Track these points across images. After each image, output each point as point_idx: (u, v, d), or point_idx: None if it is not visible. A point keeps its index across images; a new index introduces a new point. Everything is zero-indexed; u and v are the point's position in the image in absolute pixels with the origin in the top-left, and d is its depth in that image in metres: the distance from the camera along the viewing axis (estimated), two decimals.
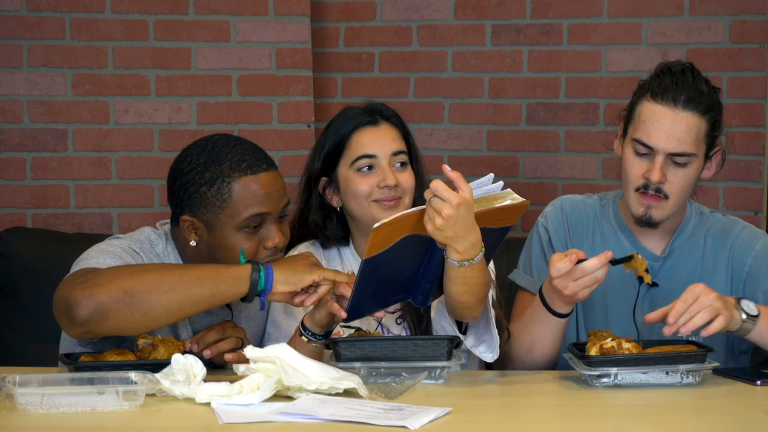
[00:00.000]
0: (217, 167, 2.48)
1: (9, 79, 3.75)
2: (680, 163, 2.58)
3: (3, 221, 3.70)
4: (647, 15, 3.90)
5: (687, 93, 2.57)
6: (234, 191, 2.46)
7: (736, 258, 2.71)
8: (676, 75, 2.61)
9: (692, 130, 2.57)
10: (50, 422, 2.03)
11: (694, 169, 2.61)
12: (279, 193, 2.51)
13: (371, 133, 2.71)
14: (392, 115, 2.76)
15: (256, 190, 2.47)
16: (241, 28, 3.87)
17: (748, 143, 3.83)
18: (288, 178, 3.92)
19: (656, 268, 2.70)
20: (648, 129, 2.58)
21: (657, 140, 2.57)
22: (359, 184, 2.68)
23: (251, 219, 2.46)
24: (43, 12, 3.76)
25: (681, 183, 2.60)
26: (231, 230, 2.47)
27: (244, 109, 3.89)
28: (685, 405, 2.24)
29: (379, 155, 2.69)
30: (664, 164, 2.58)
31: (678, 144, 2.57)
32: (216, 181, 2.47)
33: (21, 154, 3.77)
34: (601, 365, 2.34)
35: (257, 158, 2.51)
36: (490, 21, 4.00)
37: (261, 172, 2.49)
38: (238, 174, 2.47)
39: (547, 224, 2.80)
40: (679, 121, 2.56)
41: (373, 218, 2.64)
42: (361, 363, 2.34)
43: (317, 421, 2.04)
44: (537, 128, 4.00)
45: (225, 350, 2.42)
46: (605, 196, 2.82)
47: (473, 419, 2.10)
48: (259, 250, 2.49)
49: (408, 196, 2.70)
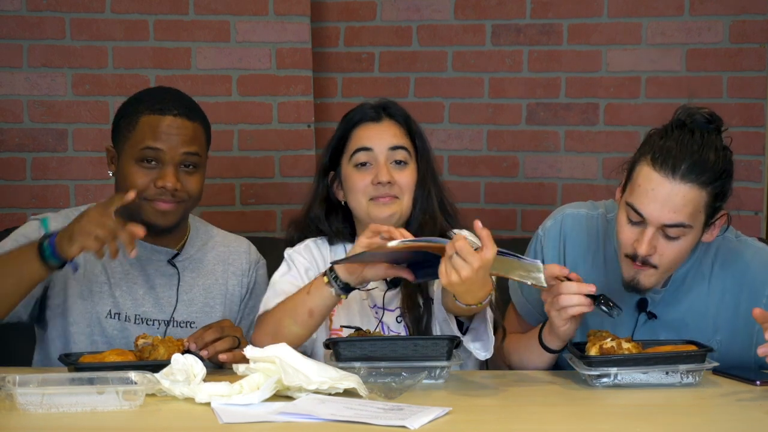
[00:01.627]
0: (138, 104, 2.67)
1: (9, 79, 3.75)
2: (672, 236, 2.41)
3: (3, 221, 3.70)
4: (647, 15, 3.90)
5: (689, 161, 2.38)
6: (138, 124, 2.63)
7: (750, 285, 2.56)
8: (684, 135, 2.40)
9: (690, 203, 2.38)
10: (50, 422, 2.03)
11: (689, 240, 2.43)
12: (180, 138, 2.63)
13: (371, 128, 2.72)
14: (398, 113, 2.74)
15: (155, 126, 2.62)
16: (241, 28, 3.87)
17: (748, 143, 3.83)
18: (288, 178, 3.96)
19: (656, 300, 2.58)
20: (642, 197, 2.40)
21: (649, 210, 2.39)
22: (356, 180, 2.68)
23: (144, 151, 2.60)
24: (43, 12, 3.76)
25: (671, 256, 2.44)
26: (130, 161, 2.62)
27: (244, 109, 3.89)
28: (685, 405, 2.24)
29: (376, 149, 2.68)
30: (654, 237, 2.40)
31: (672, 216, 2.39)
32: (131, 114, 2.65)
33: (21, 154, 3.77)
34: (601, 365, 2.34)
35: (173, 104, 2.65)
36: (490, 21, 4.00)
37: (168, 115, 2.63)
38: (148, 112, 2.63)
39: (544, 239, 2.68)
40: (676, 193, 2.37)
41: (370, 217, 2.65)
42: (361, 363, 2.34)
43: (317, 421, 2.04)
44: (537, 128, 4.00)
45: (222, 350, 2.43)
46: (612, 209, 2.65)
47: (473, 419, 2.10)
48: (150, 187, 2.60)
49: (406, 195, 2.68)
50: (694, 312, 2.58)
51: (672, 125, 2.45)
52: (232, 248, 2.83)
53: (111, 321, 2.68)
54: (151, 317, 2.70)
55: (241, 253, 2.83)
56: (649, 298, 2.57)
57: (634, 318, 2.59)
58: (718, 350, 2.49)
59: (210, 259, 2.79)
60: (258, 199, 3.91)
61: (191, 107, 2.69)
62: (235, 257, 2.82)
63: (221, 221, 3.78)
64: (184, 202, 2.65)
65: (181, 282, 2.73)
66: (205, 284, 2.76)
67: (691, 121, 2.43)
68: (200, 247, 2.79)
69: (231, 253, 2.82)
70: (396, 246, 2.29)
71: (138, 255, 2.68)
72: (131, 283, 2.70)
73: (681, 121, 2.44)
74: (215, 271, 2.78)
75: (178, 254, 2.74)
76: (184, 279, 2.74)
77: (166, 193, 2.60)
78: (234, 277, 2.80)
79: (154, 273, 2.72)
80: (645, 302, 2.58)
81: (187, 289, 2.74)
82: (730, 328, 2.57)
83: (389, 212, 2.66)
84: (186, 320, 2.72)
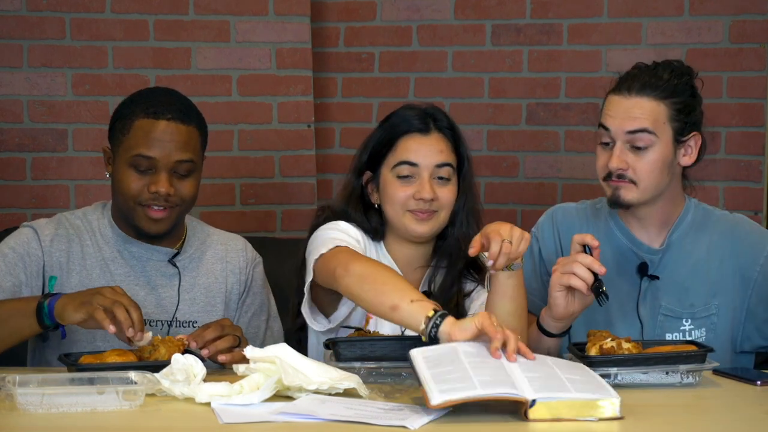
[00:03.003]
0: (134, 106, 2.64)
1: (9, 79, 3.75)
2: (640, 146, 2.59)
3: (3, 221, 3.70)
4: (647, 15, 3.90)
5: (641, 81, 2.61)
6: (132, 128, 2.61)
7: (746, 256, 2.68)
8: (640, 67, 2.66)
9: (648, 112, 2.59)
10: (50, 422, 2.03)
11: (658, 152, 2.60)
12: (174, 144, 2.60)
13: (419, 141, 2.66)
14: (446, 126, 2.69)
15: (148, 132, 2.60)
16: (241, 28, 3.87)
17: (748, 143, 3.83)
18: (288, 178, 3.96)
19: (655, 261, 2.69)
20: (606, 116, 2.62)
21: (612, 123, 2.60)
22: (396, 191, 2.65)
23: (137, 159, 2.59)
24: (43, 12, 3.76)
25: (645, 167, 2.60)
26: (124, 165, 2.61)
27: (244, 109, 3.89)
28: (685, 405, 2.24)
29: (422, 165, 2.64)
30: (622, 151, 2.60)
31: (633, 122, 2.58)
32: (126, 116, 2.63)
33: (21, 154, 3.77)
34: (601, 365, 2.34)
35: (168, 108, 2.62)
36: (490, 21, 4.00)
37: (162, 119, 2.61)
38: (142, 115, 2.61)
39: (538, 234, 2.80)
40: (633, 105, 2.59)
41: (405, 228, 2.65)
42: (361, 363, 2.33)
43: (317, 421, 2.04)
44: (537, 128, 4.00)
45: (222, 349, 2.43)
46: (600, 200, 2.80)
47: (473, 419, 2.09)
48: (143, 192, 2.59)
49: (444, 211, 2.66)
50: (694, 276, 2.68)
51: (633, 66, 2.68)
52: (230, 246, 2.82)
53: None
54: (153, 318, 2.68)
55: (239, 251, 2.82)
56: (648, 261, 2.67)
57: (636, 284, 2.68)
58: (716, 314, 2.66)
59: (209, 257, 2.78)
60: (258, 199, 3.91)
61: (186, 110, 2.65)
62: (233, 255, 2.81)
63: (221, 221, 3.80)
64: (177, 207, 2.63)
65: (182, 281, 2.72)
66: (205, 283, 2.76)
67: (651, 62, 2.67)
68: (198, 246, 2.78)
69: (229, 252, 2.81)
70: (445, 402, 2.06)
71: (138, 255, 2.70)
72: (132, 285, 2.68)
73: (643, 62, 2.68)
74: (215, 270, 2.77)
75: (178, 253, 2.73)
76: (185, 278, 2.73)
77: (159, 198, 2.59)
78: (233, 275, 2.79)
79: (155, 273, 2.71)
80: (645, 266, 2.68)
81: (188, 288, 2.73)
82: (727, 292, 2.67)
83: (427, 229, 2.65)
84: (188, 320, 2.71)
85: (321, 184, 3.97)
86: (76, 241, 2.68)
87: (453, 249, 2.69)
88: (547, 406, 2.05)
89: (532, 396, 2.05)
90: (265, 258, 2.88)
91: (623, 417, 2.07)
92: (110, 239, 2.70)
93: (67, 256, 2.66)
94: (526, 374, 2.12)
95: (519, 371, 2.14)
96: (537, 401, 2.04)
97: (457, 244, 2.68)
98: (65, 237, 2.67)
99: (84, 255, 2.67)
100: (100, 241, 2.69)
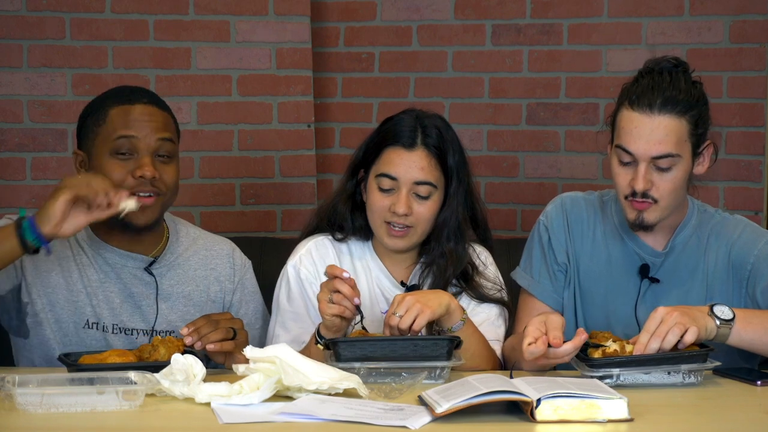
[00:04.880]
0: (103, 100, 2.63)
1: (9, 79, 3.75)
2: (664, 167, 2.55)
3: None
4: (647, 15, 3.90)
5: (662, 96, 2.55)
6: (108, 116, 2.59)
7: (737, 256, 2.69)
8: (654, 77, 2.58)
9: (672, 132, 2.54)
10: (50, 422, 2.03)
11: (681, 170, 2.58)
12: (153, 124, 2.58)
13: (401, 155, 2.67)
14: (434, 143, 2.68)
15: (126, 115, 2.58)
16: (241, 28, 3.87)
17: (748, 143, 3.83)
18: (288, 178, 3.96)
19: (657, 264, 2.69)
20: (627, 136, 2.56)
21: (636, 147, 2.54)
22: (376, 200, 2.68)
23: (119, 141, 2.55)
24: (43, 12, 3.76)
25: (668, 186, 2.58)
26: (105, 155, 2.57)
27: (244, 109, 3.89)
28: (686, 405, 2.24)
29: (401, 180, 2.66)
30: (647, 171, 2.56)
31: (659, 147, 2.53)
32: (98, 110, 2.60)
33: (21, 154, 3.77)
34: (603, 366, 2.34)
35: (140, 94, 2.62)
36: (490, 21, 4.00)
37: (137, 103, 2.59)
38: (116, 103, 2.59)
39: (547, 223, 2.78)
40: (657, 126, 2.54)
41: (380, 239, 2.69)
42: (361, 363, 2.33)
43: (317, 421, 2.04)
44: (537, 128, 4.00)
45: (214, 340, 2.41)
46: (607, 193, 2.80)
47: (474, 419, 2.09)
48: (128, 178, 2.55)
49: (421, 226, 2.68)
50: (693, 280, 2.69)
51: (641, 72, 2.63)
52: (215, 252, 2.76)
53: (90, 331, 2.61)
54: (129, 327, 2.63)
55: (224, 257, 2.77)
56: (650, 263, 2.67)
57: (637, 285, 2.69)
58: None
59: (192, 264, 2.72)
60: (258, 199, 3.91)
61: (158, 99, 2.65)
62: (217, 262, 2.75)
63: (221, 221, 3.80)
64: (162, 195, 2.58)
65: (160, 290, 2.66)
66: (185, 291, 2.70)
67: (659, 63, 2.62)
68: (181, 253, 2.72)
69: (214, 257, 2.75)
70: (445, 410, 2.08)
71: (112, 262, 2.63)
72: (107, 292, 2.63)
73: (650, 68, 2.62)
74: (196, 278, 2.72)
75: (154, 261, 2.67)
76: (162, 287, 2.67)
77: (146, 182, 2.54)
78: (216, 283, 2.74)
79: (131, 280, 2.65)
80: (647, 268, 2.68)
81: (166, 297, 2.67)
82: (724, 294, 2.68)
83: (401, 245, 2.69)
84: (167, 330, 2.66)
85: (321, 184, 3.96)
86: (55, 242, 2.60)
87: (439, 261, 2.70)
88: (552, 406, 2.05)
89: (536, 396, 2.05)
90: (265, 258, 2.88)
91: (633, 419, 2.07)
92: (85, 243, 2.65)
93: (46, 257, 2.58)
94: (530, 385, 2.13)
95: (523, 382, 2.16)
96: (542, 400, 2.04)
97: (443, 257, 2.70)
98: None
99: (62, 257, 2.62)
100: (74, 244, 2.65)
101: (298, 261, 2.73)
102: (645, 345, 2.34)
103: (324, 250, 2.74)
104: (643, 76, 2.61)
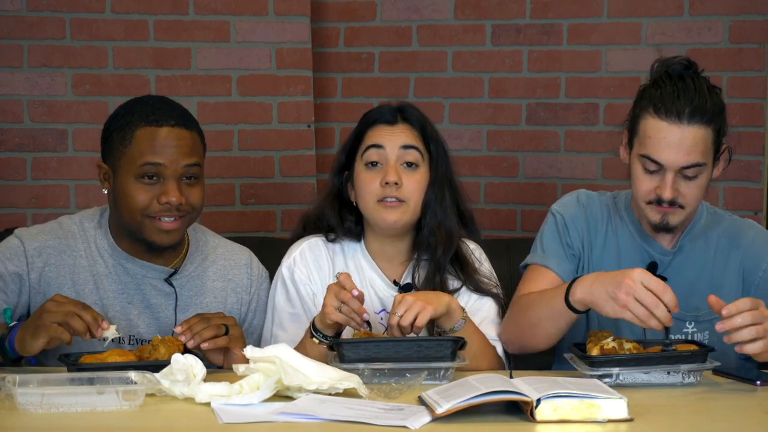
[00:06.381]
0: (130, 116, 2.57)
1: (9, 79, 3.75)
2: (691, 176, 2.56)
3: (3, 221, 3.70)
4: (647, 15, 3.90)
5: (691, 105, 2.53)
6: (134, 138, 2.54)
7: (749, 261, 2.70)
8: (677, 83, 2.56)
9: (700, 142, 2.54)
10: (50, 422, 2.03)
11: (705, 177, 2.60)
12: (180, 149, 2.54)
13: (385, 129, 2.73)
14: (414, 117, 2.75)
15: (153, 139, 2.53)
16: (241, 28, 3.87)
17: (748, 143, 3.83)
18: (288, 178, 3.96)
19: (665, 263, 2.70)
20: (655, 146, 2.55)
21: (666, 157, 2.54)
22: (365, 180, 2.69)
23: (145, 167, 2.52)
24: (43, 12, 3.76)
25: (694, 193, 2.59)
26: (129, 177, 2.54)
27: (244, 109, 3.89)
28: (685, 405, 2.24)
29: (387, 147, 2.69)
30: (675, 180, 2.56)
31: (687, 157, 2.54)
32: (124, 127, 2.55)
33: (21, 154, 3.77)
34: (603, 365, 2.34)
35: (168, 114, 2.56)
36: (490, 21, 4.00)
37: (165, 126, 2.55)
38: (143, 123, 2.54)
39: (562, 211, 2.77)
40: (687, 136, 2.53)
41: (377, 220, 2.69)
42: (365, 364, 2.33)
43: (317, 421, 2.04)
44: (537, 128, 4.00)
45: (207, 338, 2.41)
46: (618, 194, 2.81)
47: (474, 419, 2.09)
48: (153, 204, 2.53)
49: (413, 201, 2.69)
50: (700, 280, 2.70)
51: (661, 77, 2.60)
52: (233, 262, 2.76)
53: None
54: (147, 338, 2.61)
55: (242, 267, 2.76)
56: (659, 261, 2.69)
57: None
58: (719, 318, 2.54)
59: (210, 275, 2.72)
60: (258, 199, 3.91)
61: (186, 116, 2.61)
62: (235, 272, 2.75)
63: (221, 221, 3.80)
64: (188, 216, 2.57)
65: (179, 302, 2.66)
66: (203, 303, 2.69)
67: (675, 66, 2.61)
68: (200, 263, 2.71)
69: (232, 268, 2.75)
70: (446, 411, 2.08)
71: (133, 272, 2.63)
72: (125, 303, 2.62)
73: (666, 73, 2.60)
74: (214, 289, 2.71)
75: (175, 272, 2.66)
76: (181, 298, 2.67)
77: (171, 208, 2.52)
78: (234, 294, 2.74)
79: (151, 291, 2.64)
80: (655, 266, 2.69)
81: (185, 308, 2.66)
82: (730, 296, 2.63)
83: (395, 217, 2.68)
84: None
85: (321, 184, 3.96)
86: (68, 253, 2.61)
87: (429, 239, 2.71)
88: (552, 406, 2.05)
89: (536, 396, 2.05)
90: (265, 258, 2.87)
91: (632, 419, 2.07)
92: (105, 252, 2.64)
93: (57, 270, 2.60)
94: (530, 385, 2.13)
95: (523, 382, 2.15)
96: (542, 400, 2.04)
97: (433, 235, 2.70)
98: (56, 248, 2.61)
99: (75, 268, 2.61)
100: (94, 252, 2.64)
101: (292, 262, 2.75)
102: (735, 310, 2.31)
103: (318, 251, 2.75)
104: (663, 80, 2.59)
